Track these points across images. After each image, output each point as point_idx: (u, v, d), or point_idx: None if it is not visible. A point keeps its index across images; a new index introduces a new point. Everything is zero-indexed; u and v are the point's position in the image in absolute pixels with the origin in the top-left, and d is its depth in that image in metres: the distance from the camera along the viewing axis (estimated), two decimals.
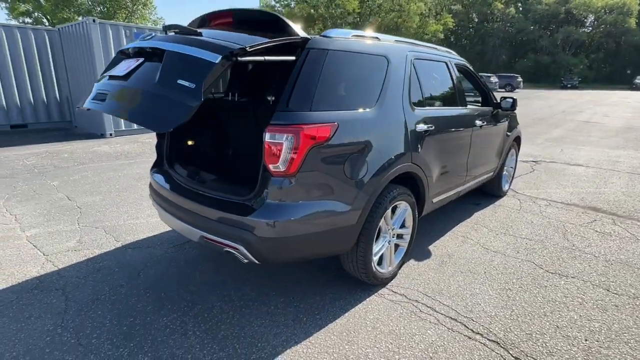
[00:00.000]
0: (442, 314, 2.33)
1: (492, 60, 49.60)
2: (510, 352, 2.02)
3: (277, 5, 56.25)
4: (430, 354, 1.99)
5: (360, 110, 2.21)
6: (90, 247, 3.16)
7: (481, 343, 2.08)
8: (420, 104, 2.75)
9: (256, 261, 2.02)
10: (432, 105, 2.91)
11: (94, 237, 3.35)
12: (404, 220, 2.73)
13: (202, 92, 1.70)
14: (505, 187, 4.67)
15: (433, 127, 2.74)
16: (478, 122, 3.44)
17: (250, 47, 1.80)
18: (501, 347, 2.06)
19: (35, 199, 4.31)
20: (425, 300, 2.48)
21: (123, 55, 2.32)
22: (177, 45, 1.94)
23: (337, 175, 2.07)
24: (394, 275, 2.70)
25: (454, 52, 3.57)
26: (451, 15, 48.15)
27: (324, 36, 2.18)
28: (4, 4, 44.58)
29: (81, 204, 4.17)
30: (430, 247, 3.25)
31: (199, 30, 2.09)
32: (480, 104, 3.97)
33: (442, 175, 3.02)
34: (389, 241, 2.61)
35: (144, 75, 2.02)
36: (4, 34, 8.62)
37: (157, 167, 2.75)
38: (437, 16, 48.58)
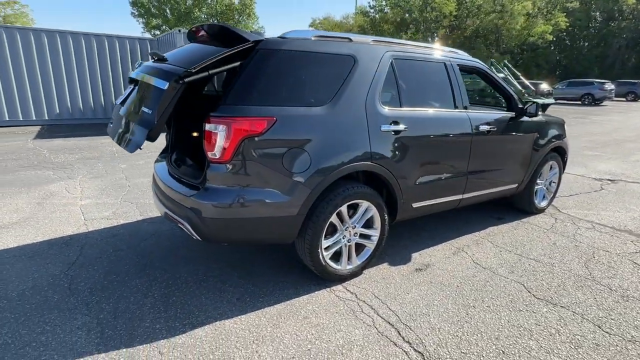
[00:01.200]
0: (381, 318, 2.28)
1: (614, 64, 42.51)
2: None
3: (371, 11, 56.80)
4: (344, 351, 2.00)
5: (307, 107, 2.30)
6: (119, 217, 3.78)
7: (404, 351, 2.01)
8: (396, 104, 2.70)
9: (199, 237, 2.27)
10: (413, 106, 2.81)
11: (125, 210, 3.99)
12: (371, 221, 2.71)
13: (155, 118, 2.03)
14: (542, 203, 4.15)
15: (407, 128, 2.66)
16: (483, 128, 3.18)
17: (194, 68, 2.06)
18: (418, 354, 1.96)
19: (103, 177, 5.25)
20: (373, 302, 2.44)
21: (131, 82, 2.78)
22: (147, 74, 2.30)
23: (275, 166, 2.20)
24: (354, 275, 2.70)
25: (462, 53, 3.36)
26: (565, 14, 42.65)
27: (281, 37, 2.34)
28: (141, 19, 53.48)
29: (132, 184, 4.95)
30: (414, 254, 3.12)
31: (166, 55, 2.43)
32: (505, 109, 3.64)
33: (426, 180, 2.89)
34: (349, 240, 2.63)
35: (130, 102, 2.46)
36: (117, 44, 10.55)
37: (160, 156, 3.19)
38: (548, 15, 43.50)
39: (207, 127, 2.10)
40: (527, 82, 15.48)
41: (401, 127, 2.63)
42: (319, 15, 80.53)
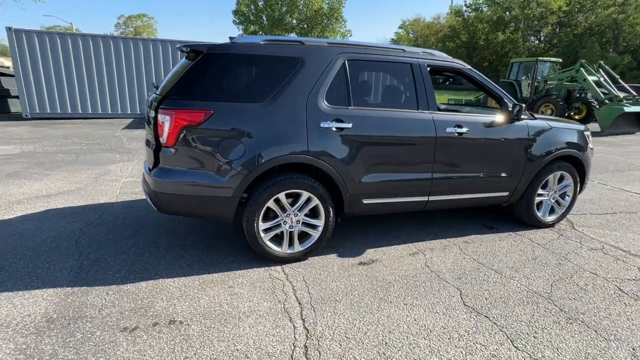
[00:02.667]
0: (295, 297, 2.49)
1: None
2: (310, 341, 2.08)
3: (467, 9, 53.56)
4: (242, 317, 2.27)
5: (244, 103, 2.61)
6: (143, 194, 4.55)
7: (293, 326, 2.20)
8: (343, 103, 2.84)
9: (155, 209, 2.76)
10: (364, 105, 2.91)
11: None
12: (316, 212, 2.90)
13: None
14: (549, 217, 3.79)
15: (353, 127, 2.80)
16: (452, 130, 3.09)
17: (160, 93, 2.55)
18: (305, 330, 2.14)
19: None
20: (298, 284, 2.65)
21: None
22: (149, 107, 2.87)
23: (212, 152, 2.57)
24: (296, 259, 2.93)
25: (438, 54, 3.28)
26: None
27: (229, 43, 2.70)
28: (241, 26, 58.86)
29: None
30: (369, 250, 3.20)
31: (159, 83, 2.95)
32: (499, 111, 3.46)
33: (377, 179, 2.97)
34: (291, 226, 2.87)
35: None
36: None
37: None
38: None
39: (158, 117, 2.56)
40: (627, 86, 13.32)
41: (345, 125, 2.77)
42: (409, 17, 78.53)
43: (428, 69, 3.15)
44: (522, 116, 3.28)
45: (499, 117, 3.33)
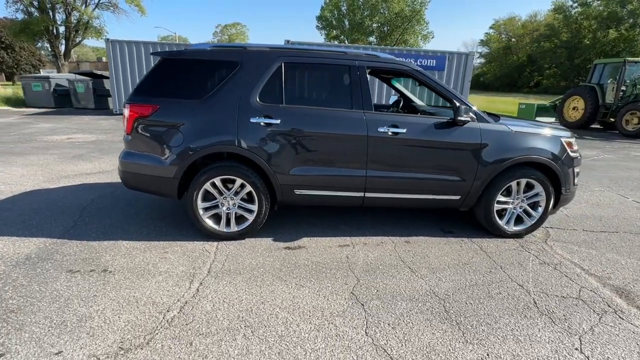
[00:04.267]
0: (208, 267, 2.89)
1: None
2: (193, 300, 2.47)
3: (574, 4, 47.64)
4: (157, 275, 2.75)
5: (186, 99, 3.10)
6: None
7: (187, 287, 2.62)
8: (276, 101, 3.15)
9: (124, 185, 3.41)
10: (296, 103, 3.17)
11: None
12: (252, 197, 3.27)
13: None
14: (515, 227, 3.58)
15: (281, 122, 3.10)
16: (385, 130, 3.18)
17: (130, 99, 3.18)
18: (196, 291, 2.54)
19: None
20: (219, 257, 3.05)
21: None
22: None
23: (158, 139, 3.11)
24: (232, 237, 3.33)
25: (384, 57, 3.35)
26: None
27: (183, 49, 3.21)
28: (323, 31, 61.00)
29: None
30: (304, 238, 3.45)
31: None
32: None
33: (307, 171, 3.21)
34: (228, 208, 3.29)
35: None
36: None
37: None
38: None
39: (124, 110, 3.20)
40: None
41: (274, 120, 3.10)
42: (502, 16, 72.47)
43: (368, 70, 3.29)
44: (462, 118, 3.19)
45: (444, 120, 3.29)
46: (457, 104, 3.25)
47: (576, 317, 2.42)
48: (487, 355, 2.06)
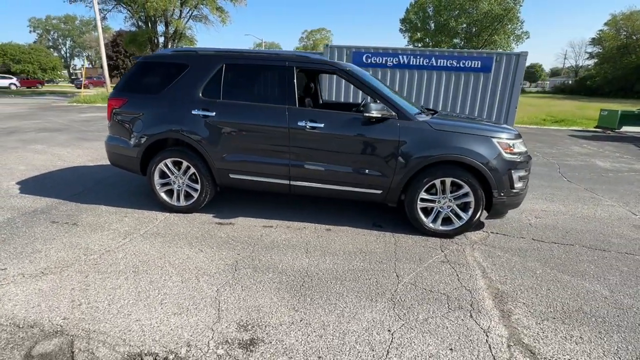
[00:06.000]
0: (143, 230, 3.56)
1: None
2: (102, 252, 3.16)
3: None
4: (103, 231, 3.52)
5: (146, 94, 3.81)
6: None
7: (113, 240, 3.31)
8: (215, 96, 3.68)
9: (110, 163, 4.29)
10: (231, 98, 3.66)
11: None
12: (196, 178, 3.87)
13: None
14: (441, 226, 3.55)
15: (216, 114, 3.64)
16: (303, 124, 3.48)
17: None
18: (112, 245, 3.23)
19: None
20: (157, 224, 3.70)
21: None
22: None
23: (127, 126, 3.89)
24: (181, 210, 3.97)
25: (315, 57, 3.66)
26: None
27: (151, 54, 3.95)
28: (407, 34, 60.00)
29: None
30: (241, 217, 3.92)
31: None
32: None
33: (238, 157, 3.69)
34: (179, 186, 3.94)
35: None
36: None
37: None
38: None
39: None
40: None
41: (210, 113, 3.65)
42: (621, 10, 62.23)
43: (297, 70, 3.63)
44: (368, 114, 3.30)
45: (361, 116, 3.46)
46: (369, 101, 3.42)
47: (423, 308, 2.48)
48: (300, 320, 2.31)
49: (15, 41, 52.75)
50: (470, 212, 3.49)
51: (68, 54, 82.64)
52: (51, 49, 72.40)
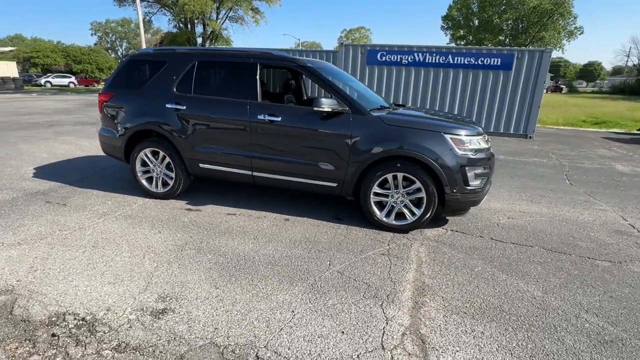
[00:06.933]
0: (117, 213, 3.93)
1: None
2: (76, 229, 3.54)
3: None
4: (83, 211, 3.92)
5: (130, 89, 4.17)
6: None
7: (88, 221, 3.69)
8: (187, 91, 3.96)
9: (103, 151, 4.73)
10: (200, 93, 3.91)
11: None
12: (171, 167, 4.19)
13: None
14: (395, 221, 3.57)
15: (187, 108, 3.92)
16: (262, 117, 3.65)
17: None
18: (86, 224, 3.60)
19: None
20: (134, 207, 4.05)
21: None
22: None
23: (114, 118, 4.28)
24: (159, 196, 4.30)
25: (277, 54, 3.78)
26: None
27: (137, 52, 4.31)
28: (449, 32, 58.33)
29: None
30: (210, 205, 4.18)
31: None
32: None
33: (205, 149, 3.94)
34: (157, 174, 4.28)
35: None
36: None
37: None
38: None
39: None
40: None
41: (181, 107, 3.93)
42: None
43: (260, 66, 3.81)
44: (317, 108, 3.39)
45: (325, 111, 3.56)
46: (322, 96, 3.53)
47: (337, 294, 2.55)
48: (216, 296, 2.49)
49: (77, 43, 57.90)
50: (423, 208, 3.48)
51: (124, 55, 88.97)
52: (109, 50, 78.38)
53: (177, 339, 2.10)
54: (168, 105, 4.01)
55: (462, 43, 54.34)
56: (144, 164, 4.30)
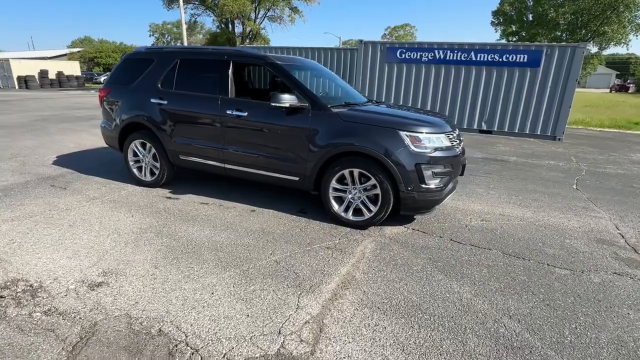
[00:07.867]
0: (103, 199, 4.31)
1: None
2: (62, 209, 3.94)
3: None
4: (76, 194, 4.36)
5: (123, 85, 4.54)
6: None
7: (71, 203, 4.10)
8: (169, 87, 4.24)
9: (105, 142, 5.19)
10: (180, 89, 4.16)
11: None
12: (156, 157, 4.51)
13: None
14: (352, 217, 3.60)
15: (167, 103, 4.21)
16: (231, 112, 3.83)
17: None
18: (66, 205, 4.01)
19: None
20: (121, 193, 4.42)
21: None
22: None
23: (111, 111, 4.69)
24: (148, 185, 4.65)
25: (247, 52, 3.95)
26: None
27: (134, 51, 4.68)
28: (499, 27, 55.37)
29: None
30: (190, 194, 4.44)
31: None
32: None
33: (183, 141, 4.20)
34: (146, 163, 4.63)
35: None
36: (322, 54, 13.76)
37: None
38: None
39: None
40: None
41: (163, 101, 4.23)
42: None
43: (231, 63, 3.99)
44: (274, 104, 3.49)
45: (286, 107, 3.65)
46: (294, 93, 3.62)
47: (263, 280, 2.67)
48: (152, 275, 2.71)
49: (137, 44, 62.36)
50: (378, 205, 3.48)
51: None
52: None
53: (99, 308, 2.33)
54: (152, 100, 4.32)
55: (514, 39, 51.29)
56: (134, 154, 4.67)
